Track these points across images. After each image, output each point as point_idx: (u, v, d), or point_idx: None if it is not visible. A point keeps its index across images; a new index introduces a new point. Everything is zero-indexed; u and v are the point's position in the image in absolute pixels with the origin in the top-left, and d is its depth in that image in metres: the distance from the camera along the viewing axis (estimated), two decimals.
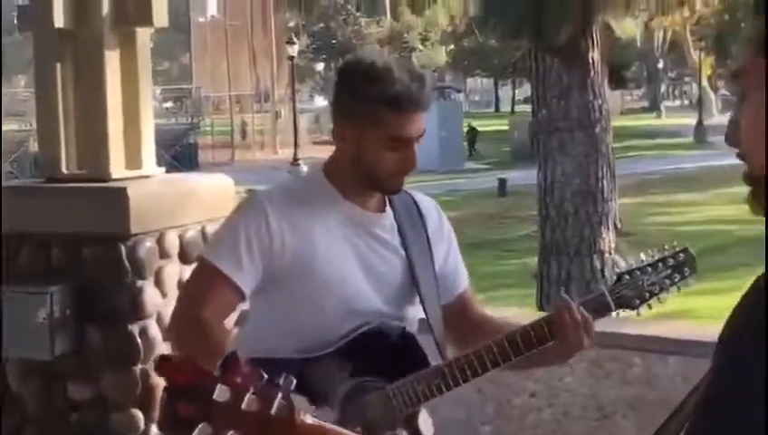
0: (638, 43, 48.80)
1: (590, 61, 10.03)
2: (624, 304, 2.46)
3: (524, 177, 27.31)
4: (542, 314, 2.81)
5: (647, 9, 12.99)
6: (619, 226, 11.35)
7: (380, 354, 2.45)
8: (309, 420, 1.50)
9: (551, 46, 9.93)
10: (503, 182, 27.19)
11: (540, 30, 9.90)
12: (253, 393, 1.43)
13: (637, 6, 11.32)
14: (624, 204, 14.53)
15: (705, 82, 50.77)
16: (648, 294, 2.47)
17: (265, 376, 1.45)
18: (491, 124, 49.70)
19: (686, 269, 2.47)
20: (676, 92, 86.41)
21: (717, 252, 16.92)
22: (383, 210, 2.56)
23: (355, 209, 2.52)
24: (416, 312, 2.60)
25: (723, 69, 58.89)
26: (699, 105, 45.68)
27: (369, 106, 2.40)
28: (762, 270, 1.28)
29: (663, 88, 70.04)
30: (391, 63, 2.44)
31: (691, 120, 45.92)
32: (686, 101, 79.07)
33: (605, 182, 10.31)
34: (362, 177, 2.47)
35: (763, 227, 1.22)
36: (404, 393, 2.42)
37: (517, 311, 10.06)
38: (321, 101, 63.78)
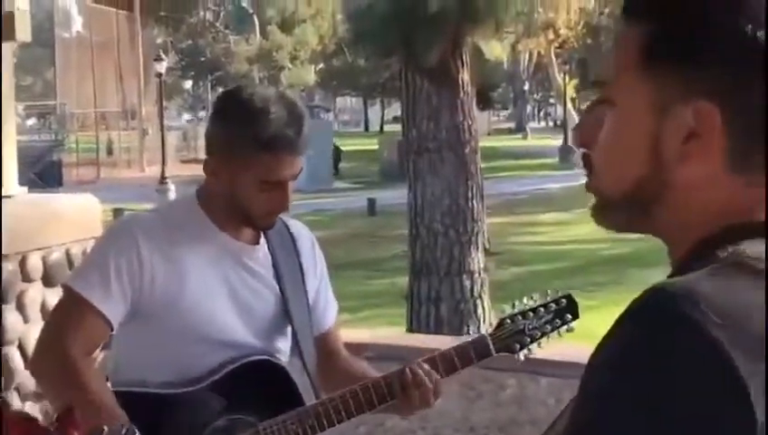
0: (505, 66, 49.68)
1: (460, 82, 10.11)
2: (504, 348, 2.47)
3: (394, 196, 27.50)
4: (412, 334, 2.79)
5: (514, 32, 13.20)
6: (487, 245, 11.45)
7: (252, 391, 2.38)
8: None
9: (421, 67, 9.98)
10: (372, 202, 27.27)
11: (411, 51, 9.94)
12: None
13: (504, 29, 11.47)
14: (492, 223, 14.72)
15: (569, 104, 51.90)
16: (528, 340, 2.48)
17: (105, 429, 1.37)
18: (360, 144, 49.95)
19: (567, 315, 2.48)
20: (542, 114, 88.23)
21: (582, 271, 17.27)
22: (257, 242, 2.49)
23: (229, 240, 2.44)
24: (288, 346, 2.53)
25: (586, 91, 60.30)
26: (564, 126, 46.69)
27: (242, 147, 2.31)
28: (625, 290, 1.26)
29: (529, 109, 71.40)
30: (270, 101, 2.34)
31: (556, 142, 46.92)
32: (551, 123, 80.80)
33: (474, 202, 10.40)
34: (235, 212, 2.39)
35: (626, 248, 1.22)
36: (275, 432, 2.36)
37: (387, 331, 10.09)
38: (189, 119, 63.19)
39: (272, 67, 46.98)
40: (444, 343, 5.36)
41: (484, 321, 10.31)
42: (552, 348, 4.77)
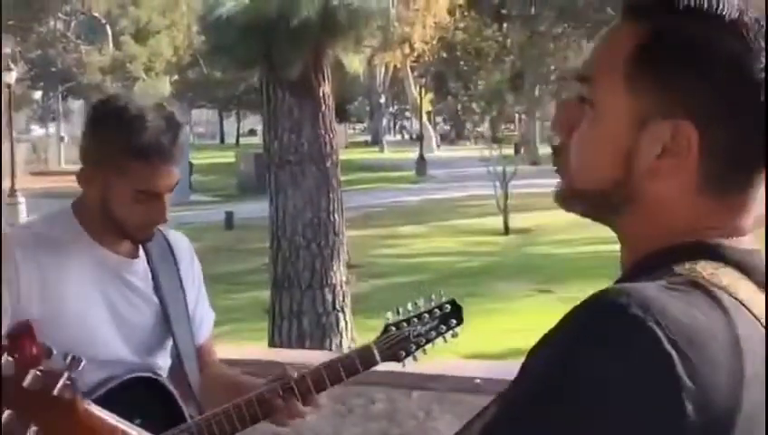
0: (361, 79, 49.95)
1: (321, 95, 10.11)
2: (390, 356, 2.44)
3: (251, 210, 27.33)
4: (275, 349, 2.75)
5: (370, 45, 13.28)
6: (347, 258, 11.45)
7: (132, 408, 2.31)
8: (94, 408, 1.38)
9: (283, 80, 9.94)
10: (230, 215, 27.04)
11: (272, 63, 9.89)
12: (38, 371, 1.30)
13: (363, 43, 11.51)
14: (351, 236, 14.76)
15: (424, 118, 52.47)
16: (414, 347, 2.45)
17: (54, 352, 1.31)
18: (216, 156, 49.51)
19: (452, 320, 2.47)
20: (397, 127, 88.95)
21: (440, 283, 17.43)
22: (136, 255, 2.44)
23: (107, 255, 2.38)
24: (167, 361, 2.47)
25: (441, 104, 61.07)
26: (420, 140, 47.13)
27: (117, 155, 2.25)
28: (482, 302, 1.27)
29: (384, 122, 71.90)
30: (146, 110, 2.29)
31: (412, 154, 47.32)
32: (407, 136, 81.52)
33: (336, 215, 10.40)
34: (110, 224, 2.33)
35: (480, 262, 1.23)
36: None
37: (249, 347, 9.98)
38: (39, 131, 61.64)
39: (125, 78, 46.19)
40: (314, 357, 5.32)
41: (346, 334, 10.30)
42: (422, 362, 4.79)
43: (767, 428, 1.04)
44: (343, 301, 10.40)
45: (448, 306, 2.47)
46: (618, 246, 1.22)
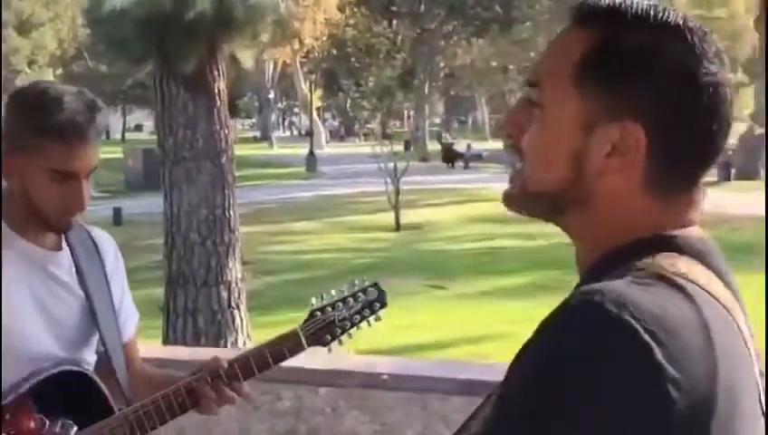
0: (251, 74, 49.61)
1: (217, 90, 10.02)
2: (316, 341, 2.43)
3: (140, 205, 27.00)
4: (170, 347, 2.74)
5: (260, 42, 13.21)
6: (239, 255, 11.38)
7: (59, 402, 2.29)
8: None
9: (177, 75, 9.83)
10: (117, 211, 26.63)
11: (166, 58, 9.77)
12: None
13: (259, 38, 11.44)
14: (243, 233, 14.68)
15: (314, 114, 52.41)
16: (339, 331, 2.44)
17: (47, 423, 1.30)
18: (102, 152, 48.60)
19: (375, 303, 2.47)
20: (286, 123, 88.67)
21: (333, 279, 17.44)
22: (60, 248, 2.40)
23: (31, 248, 2.34)
24: (93, 355, 2.45)
25: (331, 101, 61.10)
26: (311, 136, 47.07)
27: (32, 135, 2.22)
28: None
29: (273, 118, 71.62)
30: (65, 92, 2.26)
31: (302, 150, 47.22)
32: (296, 132, 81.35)
33: (231, 212, 10.33)
34: (31, 213, 2.29)
35: (371, 258, 1.28)
36: None
37: (143, 344, 9.84)
38: None
39: (8, 71, 45.17)
40: (211, 355, 5.27)
41: (242, 331, 10.25)
42: (328, 358, 4.80)
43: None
44: (239, 298, 10.34)
45: (371, 290, 2.47)
46: (509, 242, 1.25)
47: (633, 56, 1.15)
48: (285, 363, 4.08)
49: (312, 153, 44.33)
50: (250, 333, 10.40)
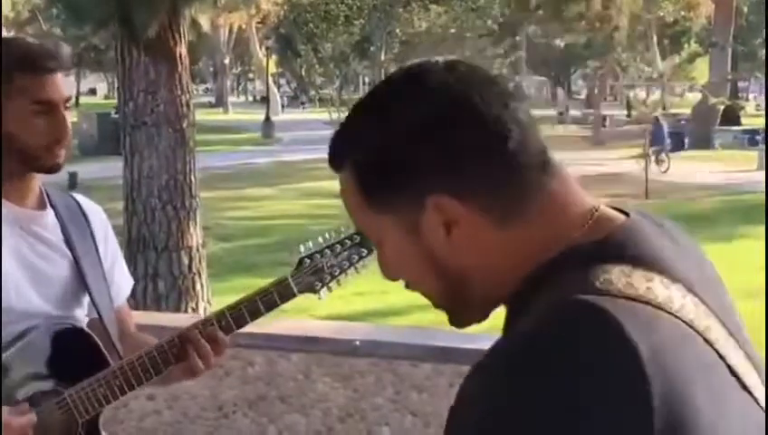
0: (206, 39, 49.14)
1: (178, 56, 9.94)
2: (306, 287, 2.43)
3: (95, 170, 26.79)
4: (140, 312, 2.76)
5: (215, 5, 13.11)
6: (200, 220, 11.35)
7: (54, 358, 2.30)
8: None
9: (138, 39, 9.73)
10: (73, 176, 26.39)
11: (127, 22, 9.66)
12: None
13: (218, 2, 11.36)
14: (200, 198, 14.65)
15: (270, 80, 52.13)
16: (328, 277, 2.45)
17: None
18: None
19: (362, 250, 2.48)
20: (241, 88, 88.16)
21: (289, 245, 17.37)
22: (44, 208, 2.41)
23: (12, 207, 2.34)
24: (84, 315, 2.45)
25: (286, 67, 60.78)
26: (267, 102, 46.83)
27: (6, 79, 2.27)
28: None
29: (228, 84, 71.18)
30: (25, 37, 2.41)
31: (257, 116, 47.01)
32: (251, 98, 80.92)
33: (192, 177, 10.29)
34: (16, 158, 2.30)
35: (329, 224, 1.35)
36: (83, 398, 2.31)
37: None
38: None
39: None
40: (178, 320, 5.27)
41: (202, 297, 10.22)
42: (299, 324, 4.83)
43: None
44: (200, 263, 10.30)
45: (357, 237, 2.48)
46: None
47: (381, 155, 1.19)
48: (257, 329, 4.12)
49: (268, 119, 44.14)
50: (210, 299, 10.39)
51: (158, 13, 9.49)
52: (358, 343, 4.10)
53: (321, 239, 2.46)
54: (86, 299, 2.44)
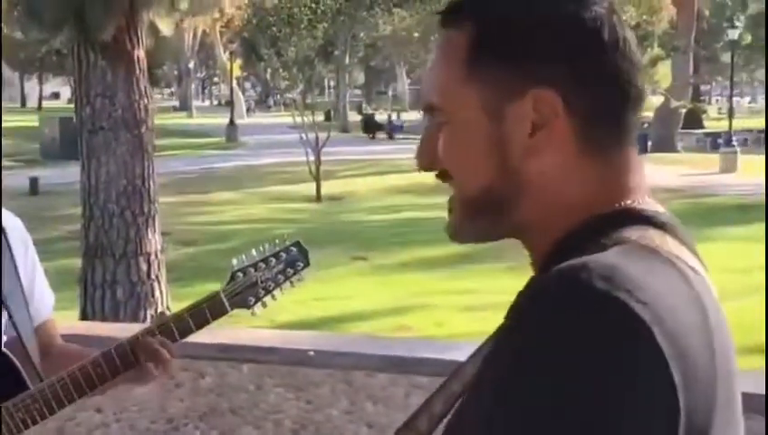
0: (170, 43, 48.93)
1: (136, 59, 9.81)
2: (239, 303, 2.33)
3: (57, 175, 26.56)
4: (88, 322, 2.66)
5: (178, 9, 13.01)
6: (159, 226, 11.23)
7: None
8: None
9: (95, 42, 9.59)
10: (34, 181, 26.17)
11: (83, 25, 9.52)
12: None
13: (177, 6, 11.23)
14: (162, 203, 14.55)
15: (234, 84, 51.95)
16: (263, 292, 2.35)
17: None
18: (18, 120, 47.75)
19: (298, 263, 2.37)
20: (206, 92, 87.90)
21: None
22: None
23: None
24: (2, 337, 2.33)
25: (250, 71, 60.64)
26: (231, 106, 46.65)
27: None
28: None
29: (193, 88, 70.91)
30: None
31: (222, 120, 46.82)
32: (216, 102, 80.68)
33: (151, 182, 10.15)
34: None
35: (293, 229, 1.20)
36: (13, 414, 2.20)
37: (59, 317, 9.64)
38: None
39: None
40: (128, 330, 5.15)
41: (162, 303, 10.10)
42: (251, 334, 4.72)
43: None
44: (159, 270, 10.18)
45: (294, 249, 2.38)
46: (429, 213, 1.18)
47: (515, 25, 1.10)
48: (207, 339, 4.01)
49: (232, 123, 43.96)
50: (170, 306, 10.26)
51: (114, 15, 9.37)
52: (312, 353, 4.00)
53: (254, 252, 2.35)
54: (4, 317, 2.33)
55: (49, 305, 2.52)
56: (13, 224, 2.42)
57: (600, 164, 1.11)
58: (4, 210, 2.41)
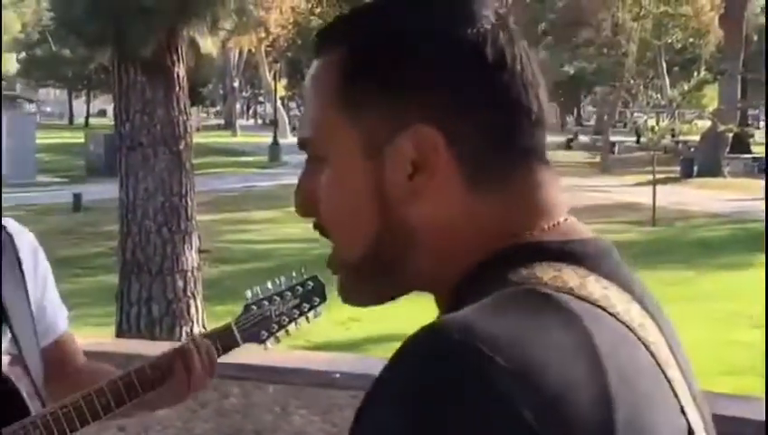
0: (216, 62, 49.32)
1: (176, 76, 9.81)
2: (251, 337, 2.26)
3: (100, 191, 26.70)
4: (123, 340, 2.59)
5: (225, 28, 13.04)
6: (198, 243, 11.21)
7: None
8: None
9: (135, 59, 9.61)
10: (77, 197, 26.35)
11: (124, 42, 9.54)
12: None
13: (219, 25, 11.25)
14: (202, 221, 14.57)
15: (278, 103, 52.18)
16: (276, 327, 2.28)
17: None
18: (65, 137, 48.27)
19: (315, 298, 2.30)
20: (251, 112, 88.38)
21: (288, 270, 17.11)
22: None
23: None
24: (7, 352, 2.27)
25: (294, 91, 60.94)
26: (275, 125, 46.85)
27: None
28: (331, 288, 1.14)
29: (238, 107, 71.34)
30: None
31: (266, 139, 46.99)
32: (260, 121, 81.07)
33: (188, 200, 10.13)
34: None
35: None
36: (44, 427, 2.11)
37: (95, 333, 9.66)
38: None
39: None
40: (162, 348, 5.10)
41: (197, 321, 10.07)
42: (278, 354, 4.65)
43: None
44: (195, 287, 10.14)
45: (310, 283, 2.30)
46: None
47: (385, 50, 0.98)
48: (234, 359, 3.94)
49: (275, 142, 44.10)
50: (205, 323, 10.23)
51: (154, 32, 9.37)
52: (338, 375, 3.93)
53: (269, 285, 2.28)
54: (8, 338, 2.25)
55: (63, 319, 2.43)
56: (22, 236, 2.35)
57: (494, 196, 0.97)
58: (12, 222, 2.34)
